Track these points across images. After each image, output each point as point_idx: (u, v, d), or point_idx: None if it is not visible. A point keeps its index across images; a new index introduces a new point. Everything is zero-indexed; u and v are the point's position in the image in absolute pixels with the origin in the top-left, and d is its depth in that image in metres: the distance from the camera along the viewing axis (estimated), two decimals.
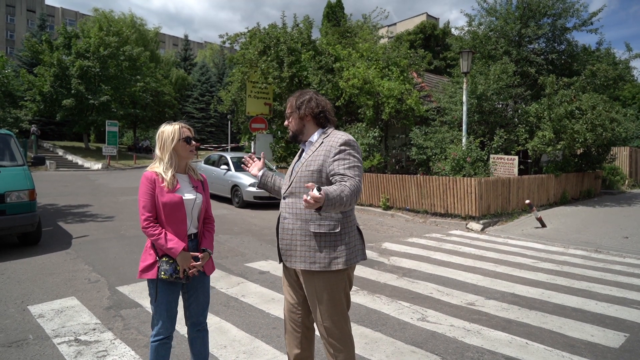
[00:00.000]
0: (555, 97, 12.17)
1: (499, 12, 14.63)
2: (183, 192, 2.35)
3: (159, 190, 2.28)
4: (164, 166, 2.33)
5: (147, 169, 2.37)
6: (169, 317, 2.34)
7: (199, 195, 2.42)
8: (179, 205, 2.30)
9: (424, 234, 8.50)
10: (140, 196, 2.30)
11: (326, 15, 27.13)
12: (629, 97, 27.01)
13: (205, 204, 2.47)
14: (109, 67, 27.68)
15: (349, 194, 2.00)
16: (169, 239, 2.26)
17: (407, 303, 4.38)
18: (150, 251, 2.32)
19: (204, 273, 2.44)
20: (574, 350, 3.39)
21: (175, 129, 2.35)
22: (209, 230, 2.51)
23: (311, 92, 2.37)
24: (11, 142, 6.78)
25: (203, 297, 2.47)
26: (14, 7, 60.51)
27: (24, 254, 6.00)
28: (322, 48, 15.29)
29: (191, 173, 2.47)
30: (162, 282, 2.29)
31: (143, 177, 2.31)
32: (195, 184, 2.45)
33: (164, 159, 2.34)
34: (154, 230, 2.26)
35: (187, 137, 2.36)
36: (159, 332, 2.33)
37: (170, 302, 2.34)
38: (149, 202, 2.28)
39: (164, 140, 2.34)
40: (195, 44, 74.41)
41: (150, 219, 2.28)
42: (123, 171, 23.18)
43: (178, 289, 2.39)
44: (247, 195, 11.03)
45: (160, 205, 2.28)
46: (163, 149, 2.35)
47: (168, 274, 2.25)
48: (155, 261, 2.29)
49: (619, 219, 10.34)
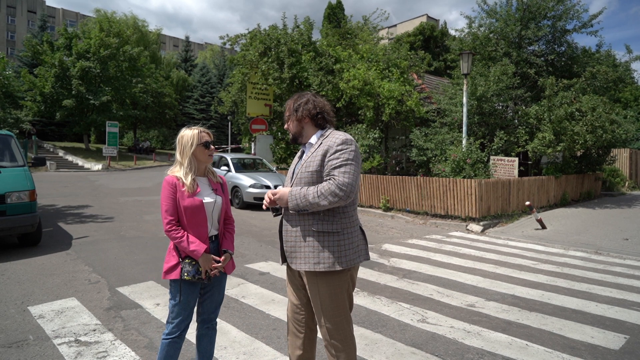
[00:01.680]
0: (555, 99, 12.18)
1: (499, 14, 14.65)
2: (203, 196, 2.40)
3: (180, 195, 2.33)
4: (184, 171, 2.38)
5: (168, 173, 2.41)
6: (187, 316, 2.41)
7: (219, 198, 2.47)
8: (200, 208, 2.35)
9: (424, 236, 8.50)
10: (163, 200, 2.35)
11: (327, 16, 27.20)
12: (631, 99, 27.01)
13: (225, 205, 2.52)
14: (109, 67, 27.72)
15: (316, 192, 2.09)
16: (191, 241, 2.31)
17: (407, 304, 4.38)
18: (173, 253, 2.39)
19: (224, 272, 2.50)
20: (574, 351, 3.39)
21: (194, 133, 2.40)
22: (230, 231, 2.56)
23: (309, 94, 2.38)
24: (11, 143, 6.78)
25: (218, 294, 2.53)
26: (14, 8, 60.59)
27: (24, 254, 6.00)
28: (322, 49, 15.31)
29: (210, 176, 2.52)
30: (185, 283, 2.36)
31: (164, 181, 2.36)
32: (215, 187, 2.50)
33: (184, 163, 2.38)
34: (176, 233, 2.31)
35: (205, 142, 2.41)
36: (173, 331, 2.38)
37: (190, 302, 2.41)
38: (171, 206, 2.33)
39: (183, 145, 2.39)
40: (195, 45, 74.53)
41: (173, 223, 2.33)
42: (123, 172, 23.20)
43: (198, 289, 2.45)
44: (247, 196, 11.04)
45: (181, 209, 2.33)
46: (183, 153, 2.39)
47: (191, 275, 2.32)
48: (178, 262, 2.36)
49: (619, 221, 10.34)
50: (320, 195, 2.09)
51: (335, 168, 2.13)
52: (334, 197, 2.08)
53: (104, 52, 26.99)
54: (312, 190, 2.12)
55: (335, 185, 2.08)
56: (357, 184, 2.16)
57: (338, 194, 2.07)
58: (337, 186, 2.08)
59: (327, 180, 2.14)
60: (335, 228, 2.18)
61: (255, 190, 10.96)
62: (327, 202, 2.09)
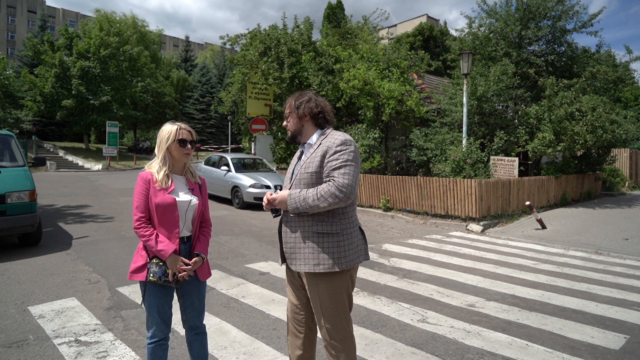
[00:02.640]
0: (555, 99, 12.17)
1: (499, 14, 14.65)
2: (177, 193, 2.30)
3: (152, 191, 2.24)
4: (158, 165, 2.30)
5: (145, 169, 2.34)
6: (162, 320, 2.31)
7: (194, 198, 2.36)
8: (172, 206, 2.25)
9: (424, 235, 8.50)
10: (135, 196, 2.26)
11: (327, 16, 27.21)
12: (631, 98, 27.01)
13: (201, 207, 2.39)
14: (109, 67, 27.72)
15: (315, 195, 2.09)
16: (159, 240, 2.21)
17: (407, 304, 4.38)
18: (142, 252, 2.29)
19: (198, 278, 2.38)
20: (574, 351, 3.39)
21: (172, 129, 2.31)
22: (205, 235, 2.43)
23: (310, 93, 2.38)
24: (12, 143, 6.79)
25: (198, 302, 2.42)
26: (14, 8, 60.61)
27: (25, 254, 6.00)
28: (322, 49, 15.31)
29: (189, 175, 2.41)
30: (151, 285, 2.26)
31: (139, 176, 2.28)
32: (192, 187, 2.38)
33: (159, 157, 2.32)
34: (145, 231, 2.22)
35: (181, 139, 2.30)
36: (154, 335, 2.31)
37: (162, 305, 2.30)
38: (142, 203, 2.24)
39: (161, 138, 2.32)
40: (195, 45, 74.54)
41: (143, 220, 2.23)
42: (123, 172, 23.19)
43: (170, 292, 2.35)
44: (247, 196, 11.04)
45: (153, 206, 2.23)
46: (159, 147, 2.32)
47: (157, 277, 2.21)
48: (145, 263, 2.26)
49: (619, 221, 10.34)
50: (320, 198, 2.08)
51: (335, 169, 2.12)
52: (333, 199, 2.08)
53: (104, 52, 26.99)
54: (312, 193, 2.11)
55: (334, 187, 2.08)
56: (356, 185, 2.16)
57: (338, 196, 2.07)
58: (337, 188, 2.07)
59: (326, 181, 2.14)
60: (334, 229, 2.18)
61: (255, 190, 10.96)
62: (326, 204, 2.08)
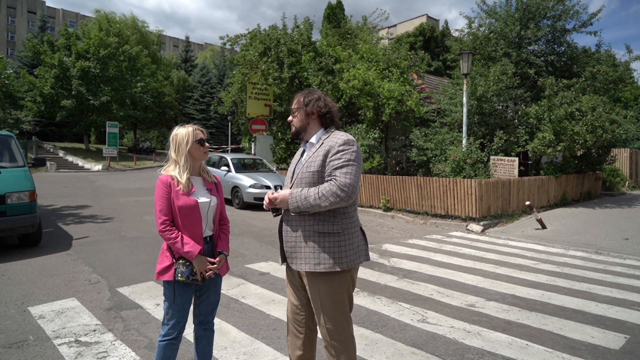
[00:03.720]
0: (555, 99, 12.18)
1: (498, 14, 14.66)
2: (198, 196, 2.36)
3: (174, 194, 2.29)
4: (180, 169, 2.34)
5: (162, 172, 2.37)
6: (182, 318, 2.38)
7: (214, 198, 2.44)
8: (194, 208, 2.32)
9: (424, 235, 8.50)
10: (157, 200, 2.31)
11: (327, 16, 27.19)
12: (631, 98, 27.01)
13: (220, 205, 2.48)
14: (109, 67, 27.73)
15: (317, 194, 2.09)
16: (185, 242, 2.27)
17: (407, 304, 4.38)
18: (167, 253, 2.35)
19: (218, 274, 2.47)
20: (574, 351, 3.39)
21: (188, 131, 2.37)
22: (225, 232, 2.53)
23: (320, 92, 2.39)
24: (12, 143, 6.79)
25: (214, 296, 2.50)
26: (14, 8, 60.63)
27: (25, 255, 6.00)
28: (322, 49, 15.31)
29: (205, 175, 2.48)
30: (179, 284, 2.33)
31: (158, 180, 2.32)
32: (209, 187, 2.46)
33: (180, 161, 2.35)
34: (170, 234, 2.27)
35: (200, 139, 2.39)
36: (169, 333, 2.36)
37: (185, 304, 2.38)
38: (165, 206, 2.29)
39: (178, 142, 2.36)
40: (195, 45, 74.54)
41: (167, 223, 2.29)
42: (123, 172, 23.20)
43: (192, 290, 2.42)
44: (247, 196, 11.04)
45: (176, 209, 2.29)
46: (178, 151, 2.36)
47: (185, 276, 2.28)
48: (171, 263, 2.32)
49: (619, 221, 10.34)
50: (321, 197, 2.09)
51: (337, 169, 2.13)
52: (335, 198, 2.08)
53: (104, 52, 26.99)
54: (313, 192, 2.11)
55: (336, 186, 2.08)
56: (358, 185, 2.16)
57: (339, 195, 2.07)
58: (339, 187, 2.08)
59: (328, 180, 2.14)
60: (335, 229, 2.18)
61: (256, 190, 10.96)
62: (328, 203, 2.08)
